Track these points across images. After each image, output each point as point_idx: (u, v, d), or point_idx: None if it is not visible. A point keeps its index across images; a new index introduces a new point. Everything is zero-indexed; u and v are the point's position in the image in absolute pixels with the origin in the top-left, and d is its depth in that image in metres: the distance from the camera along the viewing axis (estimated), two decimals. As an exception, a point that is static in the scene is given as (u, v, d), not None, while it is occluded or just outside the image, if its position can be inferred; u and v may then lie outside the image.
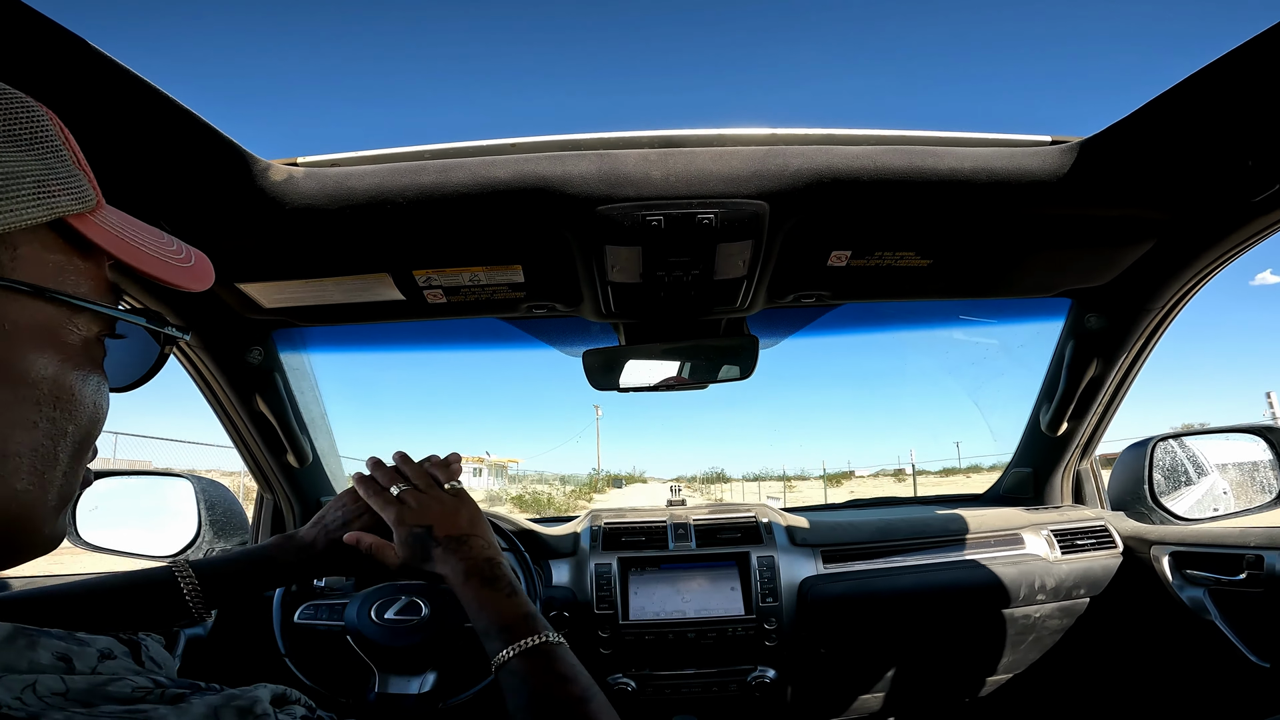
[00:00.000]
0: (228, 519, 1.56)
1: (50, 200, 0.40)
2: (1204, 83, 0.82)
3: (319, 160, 1.01)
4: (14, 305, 0.39)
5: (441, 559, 0.79)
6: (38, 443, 0.40)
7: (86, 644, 0.39)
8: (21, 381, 0.39)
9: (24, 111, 0.41)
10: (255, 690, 0.39)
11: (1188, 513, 1.55)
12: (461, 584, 0.77)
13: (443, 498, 0.87)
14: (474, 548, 0.80)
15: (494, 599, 0.74)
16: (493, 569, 0.78)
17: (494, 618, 0.72)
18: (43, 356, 0.40)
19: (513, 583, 0.77)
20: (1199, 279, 1.24)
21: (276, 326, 1.41)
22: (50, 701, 0.33)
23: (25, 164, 0.39)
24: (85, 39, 0.68)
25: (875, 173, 0.99)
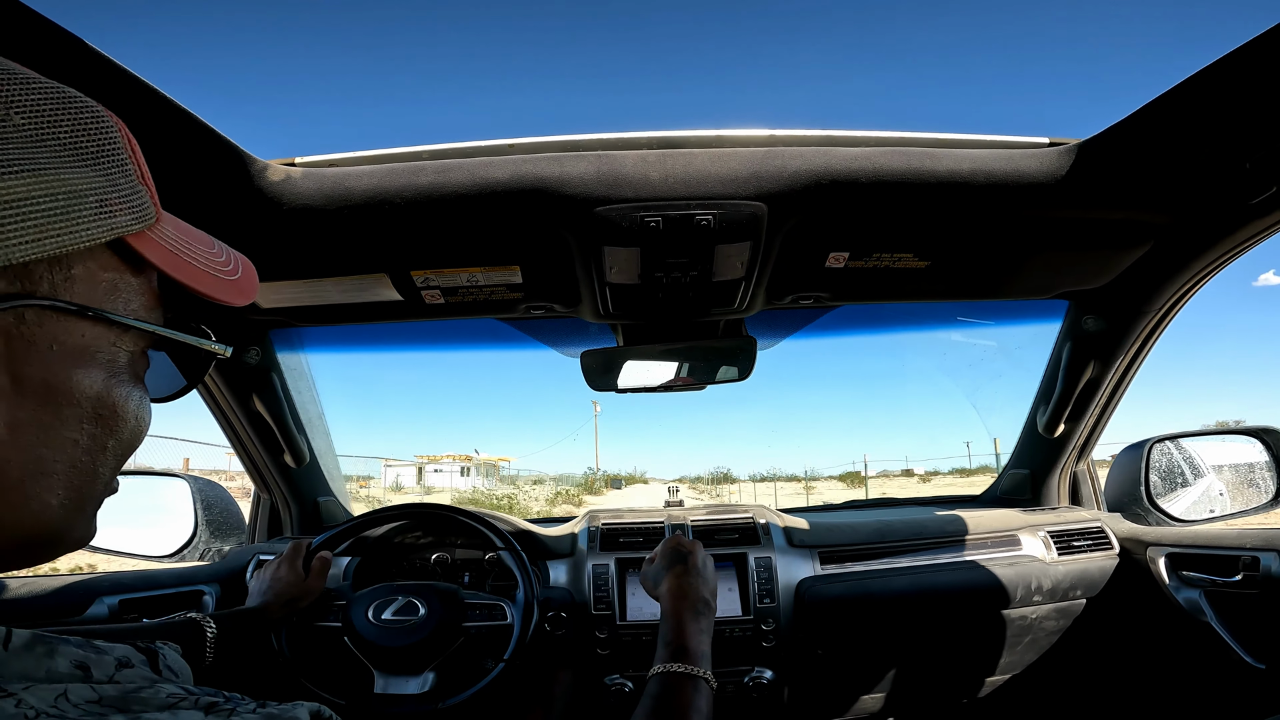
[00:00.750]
0: (225, 519, 1.56)
1: (111, 220, 0.39)
2: (1202, 85, 0.82)
3: (317, 160, 1.01)
4: (62, 326, 0.38)
5: (678, 575, 0.99)
6: (76, 459, 0.39)
7: (104, 652, 0.39)
8: (66, 401, 0.38)
9: (93, 122, 0.40)
10: (295, 710, 0.38)
11: (1184, 514, 1.56)
12: (674, 603, 0.94)
13: (705, 551, 1.07)
14: (703, 587, 0.98)
15: (692, 628, 0.89)
16: (705, 608, 0.94)
17: (680, 639, 0.86)
18: (88, 375, 0.39)
19: (710, 628, 0.92)
20: (1196, 281, 1.24)
21: (274, 326, 1.41)
22: (86, 709, 0.33)
23: (89, 180, 0.38)
24: (81, 38, 0.68)
25: (873, 174, 0.99)
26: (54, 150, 0.37)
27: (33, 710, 0.31)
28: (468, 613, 1.17)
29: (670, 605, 0.93)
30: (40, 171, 0.36)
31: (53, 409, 0.37)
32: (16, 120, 0.36)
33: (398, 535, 1.49)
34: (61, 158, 0.37)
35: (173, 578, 1.29)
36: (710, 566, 1.03)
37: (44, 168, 0.36)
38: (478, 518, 1.34)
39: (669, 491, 1.73)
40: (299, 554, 1.21)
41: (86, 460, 0.40)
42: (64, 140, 0.38)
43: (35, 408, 0.37)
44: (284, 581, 1.15)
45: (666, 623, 0.91)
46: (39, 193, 0.35)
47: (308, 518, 1.68)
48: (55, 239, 0.36)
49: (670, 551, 1.04)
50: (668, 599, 0.95)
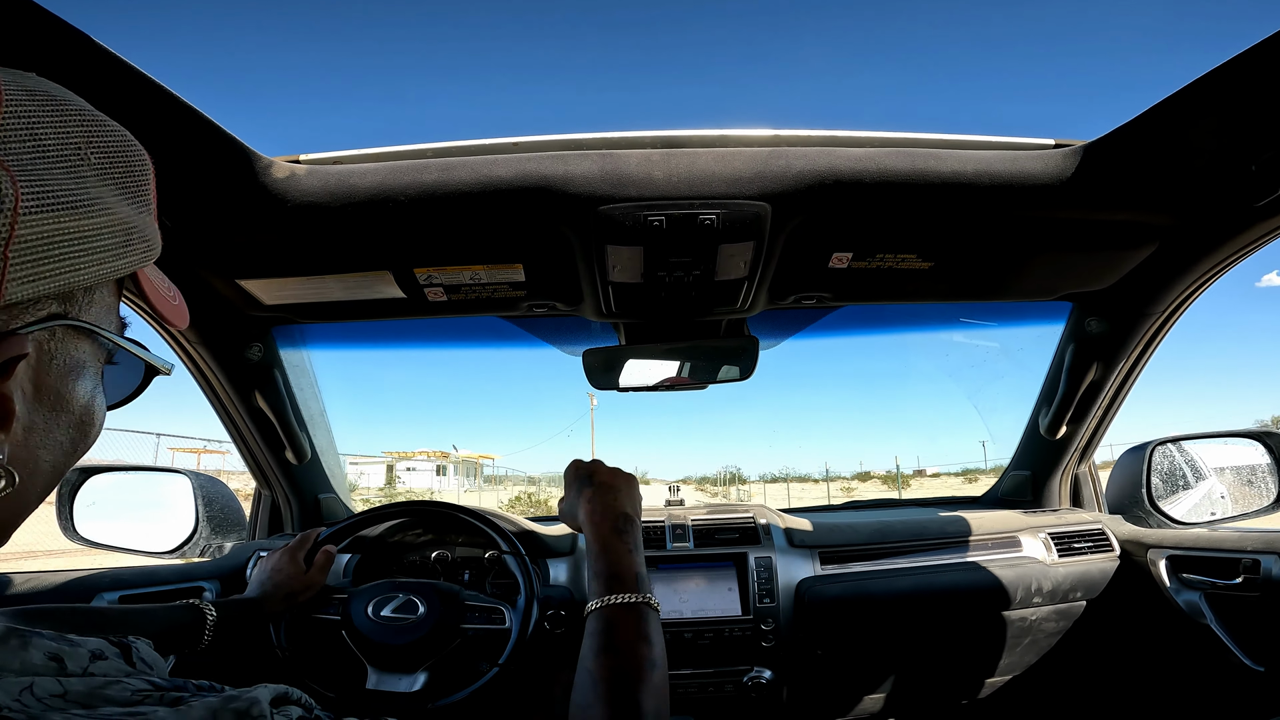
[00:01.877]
0: (225, 515, 1.56)
1: (139, 255, 0.44)
2: (1207, 88, 0.82)
3: (321, 157, 1.01)
4: (72, 342, 0.42)
5: (589, 499, 0.88)
6: (58, 461, 0.43)
7: (77, 645, 0.40)
8: (64, 409, 0.42)
9: (139, 161, 0.45)
10: (254, 691, 0.39)
11: (1185, 516, 1.55)
12: (596, 524, 0.84)
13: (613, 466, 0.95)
14: (619, 500, 0.87)
15: (617, 548, 0.81)
16: (627, 523, 0.85)
17: (609, 565, 0.79)
18: (82, 386, 0.43)
19: (639, 542, 0.84)
20: (1200, 284, 1.24)
21: (277, 323, 1.41)
22: (49, 703, 0.34)
23: (135, 216, 0.44)
24: (88, 34, 0.68)
25: (877, 175, 0.99)
26: (115, 188, 0.42)
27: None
28: (466, 615, 1.17)
29: (591, 531, 0.84)
30: (108, 210, 0.41)
31: (55, 415, 0.42)
32: (92, 159, 0.40)
33: (398, 533, 1.49)
34: (120, 196, 0.42)
35: (173, 574, 1.29)
36: (622, 476, 0.93)
37: (110, 206, 0.41)
38: (481, 517, 1.34)
39: (669, 491, 1.73)
40: (305, 546, 1.21)
41: (64, 462, 0.44)
42: (120, 179, 0.43)
43: (45, 413, 0.41)
44: (285, 574, 1.15)
45: (591, 551, 0.82)
46: (105, 228, 0.40)
47: (308, 515, 1.68)
48: (109, 269, 0.41)
49: (574, 477, 0.93)
50: (586, 526, 0.86)
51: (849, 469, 43.44)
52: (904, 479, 33.13)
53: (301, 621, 1.18)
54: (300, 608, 1.17)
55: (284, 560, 1.17)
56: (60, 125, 0.39)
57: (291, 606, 1.14)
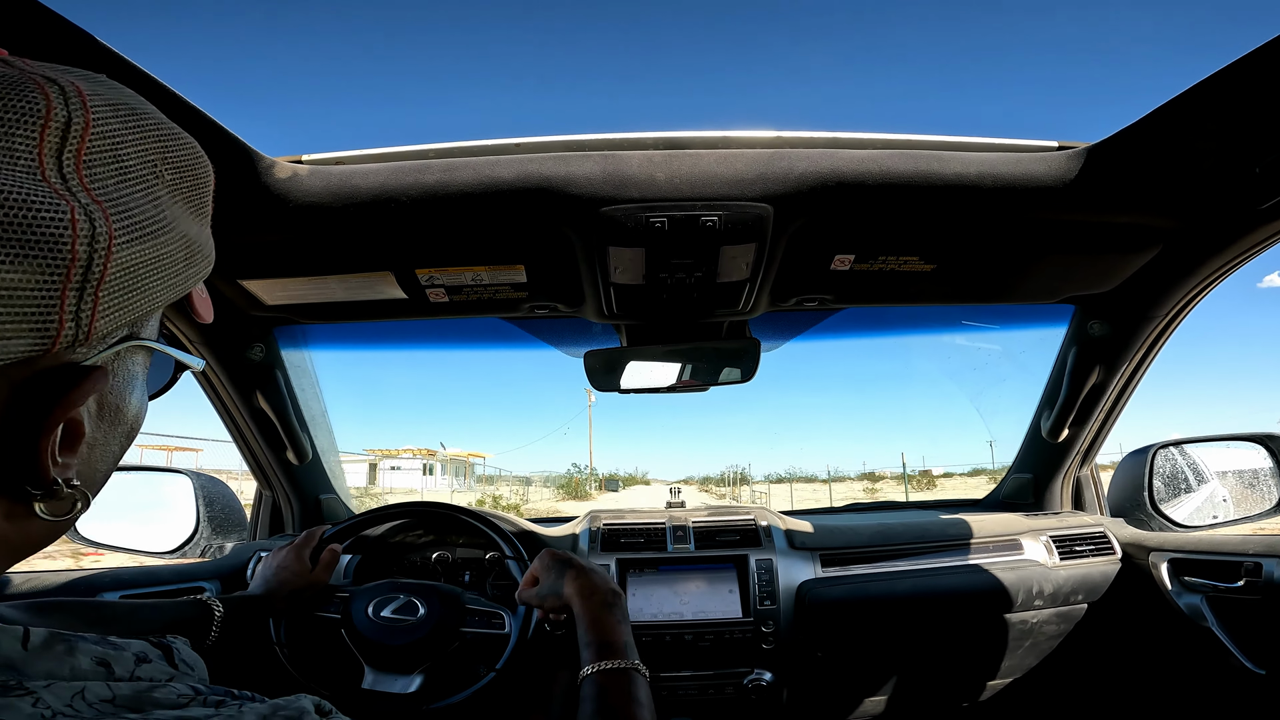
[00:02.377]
0: (226, 516, 1.56)
1: (200, 272, 0.43)
2: (1212, 90, 0.82)
3: (323, 158, 1.01)
4: (133, 357, 0.41)
5: (574, 578, 0.98)
6: (108, 470, 0.43)
7: (122, 648, 0.40)
8: (121, 421, 0.42)
9: (206, 176, 0.44)
10: (299, 701, 0.39)
11: (1187, 520, 1.55)
12: (586, 599, 0.94)
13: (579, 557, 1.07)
14: (602, 579, 0.98)
15: (607, 620, 0.90)
16: (615, 598, 0.95)
17: (600, 635, 0.87)
18: (136, 396, 0.43)
19: (626, 615, 0.93)
20: (1203, 287, 1.23)
21: (278, 323, 1.41)
22: (100, 709, 0.33)
23: (200, 234, 0.43)
24: (90, 33, 0.68)
25: (880, 177, 0.99)
26: (183, 204, 0.41)
27: (49, 710, 0.31)
28: (466, 618, 1.17)
29: (580, 605, 0.93)
30: (178, 228, 0.39)
31: (114, 428, 0.41)
32: (166, 176, 0.39)
33: (399, 533, 1.49)
34: (187, 211, 0.41)
35: (174, 574, 1.29)
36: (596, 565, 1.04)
37: (179, 224, 0.39)
38: (482, 518, 1.34)
39: (671, 492, 1.73)
40: (310, 543, 1.21)
41: (109, 469, 0.43)
42: (188, 194, 0.41)
43: (106, 429, 0.40)
44: (290, 571, 1.15)
45: (582, 623, 0.91)
46: (176, 248, 0.39)
47: (309, 515, 1.68)
48: (180, 288, 0.40)
49: (551, 564, 1.04)
50: (576, 600, 0.94)
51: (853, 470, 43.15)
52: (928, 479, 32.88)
53: (302, 619, 1.18)
54: (303, 605, 1.17)
55: (289, 557, 1.17)
56: (139, 143, 0.37)
57: (295, 604, 1.14)
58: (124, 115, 0.36)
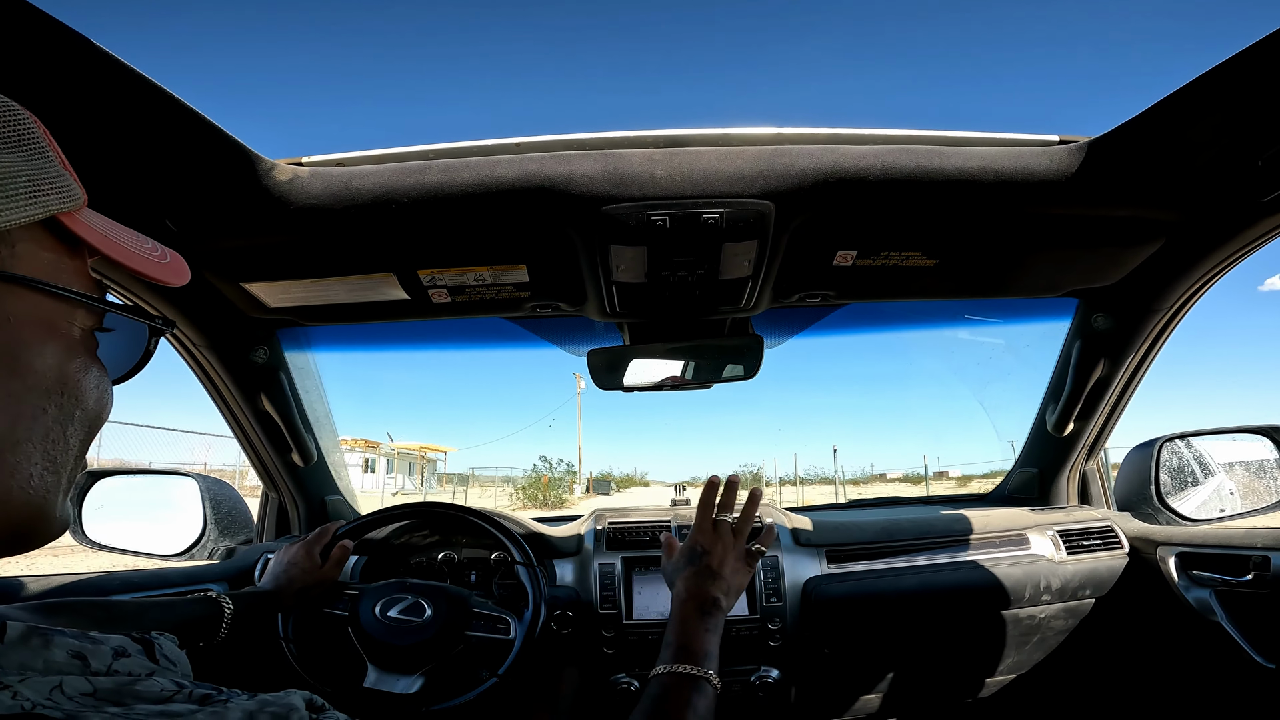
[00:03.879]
0: (233, 517, 1.56)
1: (44, 199, 0.41)
2: (1213, 83, 0.82)
3: (324, 160, 1.01)
4: (15, 299, 0.40)
5: (688, 577, 0.96)
6: (48, 428, 0.41)
7: (100, 642, 0.40)
8: (28, 370, 0.40)
9: (10, 114, 0.42)
10: (289, 697, 0.39)
11: (1194, 513, 1.55)
12: (684, 599, 0.92)
13: (731, 545, 1.01)
14: (715, 586, 0.94)
15: (696, 625, 0.87)
16: (714, 606, 0.91)
17: (682, 637, 0.85)
18: (45, 347, 0.41)
19: (718, 626, 0.89)
20: (1207, 279, 1.23)
21: (282, 325, 1.41)
22: (81, 702, 0.33)
23: (18, 165, 0.40)
24: (89, 38, 0.68)
25: (881, 172, 0.99)
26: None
27: (29, 702, 0.31)
28: (472, 622, 1.18)
29: (678, 604, 0.92)
30: None
31: (19, 378, 0.40)
32: None
33: (405, 534, 1.49)
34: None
35: (182, 576, 1.30)
36: (731, 564, 0.98)
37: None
38: (489, 519, 1.34)
39: (675, 490, 1.73)
40: (323, 539, 1.22)
41: (57, 429, 0.42)
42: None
43: (4, 377, 0.39)
44: (300, 567, 1.16)
45: (672, 623, 0.89)
46: None
47: (315, 516, 1.68)
48: None
49: (689, 550, 1.00)
50: (675, 600, 0.93)
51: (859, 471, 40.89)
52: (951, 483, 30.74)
53: (310, 615, 1.19)
54: (312, 601, 1.17)
55: (300, 554, 1.18)
56: None
57: (304, 600, 1.15)
58: None
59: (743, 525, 1.04)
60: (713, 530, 1.02)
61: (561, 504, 27.59)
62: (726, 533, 1.02)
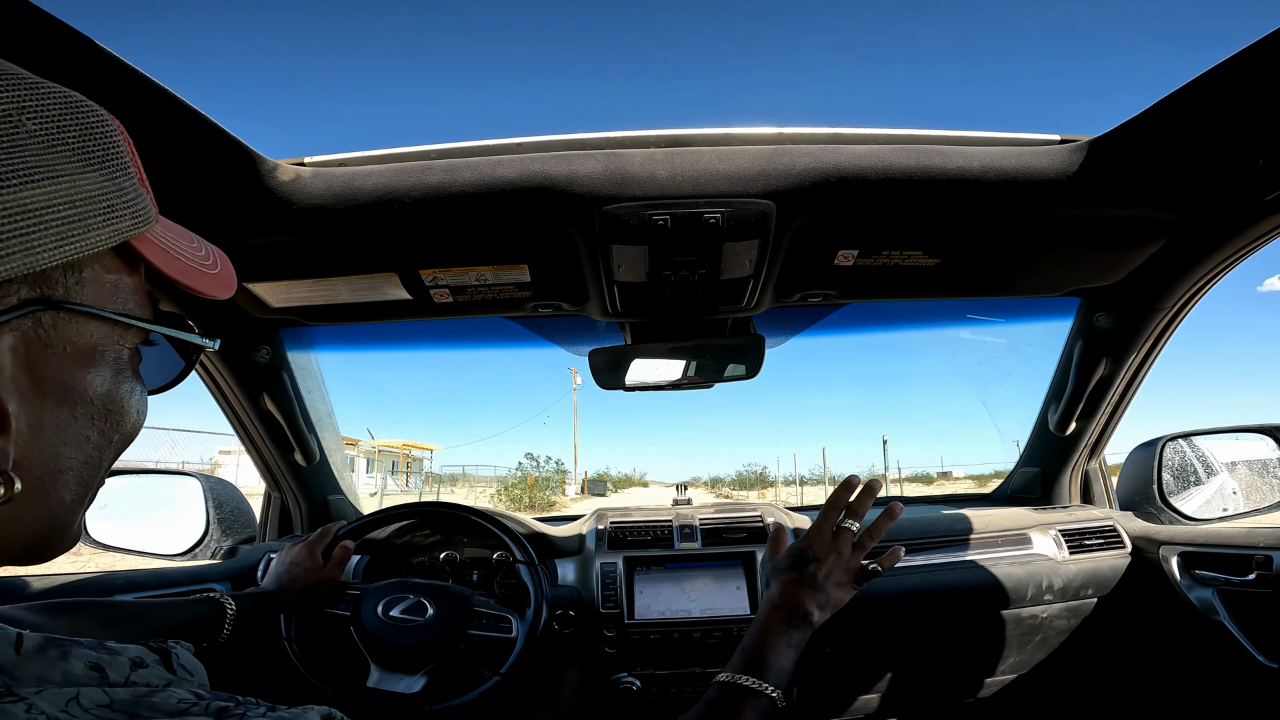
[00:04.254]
0: (236, 517, 1.56)
1: (119, 223, 0.40)
2: (1215, 82, 0.82)
3: (326, 160, 1.02)
4: (74, 327, 0.39)
5: (787, 581, 0.88)
6: (88, 456, 0.41)
7: (118, 653, 0.39)
8: (80, 400, 0.39)
9: (98, 125, 0.40)
10: (306, 713, 0.39)
11: (1197, 512, 1.54)
12: (773, 607, 0.85)
13: (845, 559, 0.91)
14: (813, 599, 0.86)
15: (778, 637, 0.81)
16: (803, 619, 0.84)
17: (761, 648, 0.79)
18: (98, 374, 0.40)
19: (801, 643, 0.83)
20: (1209, 278, 1.23)
21: (284, 325, 1.41)
22: (97, 714, 0.33)
23: (99, 185, 0.39)
24: (91, 37, 0.68)
25: (882, 172, 0.99)
26: (65, 156, 0.37)
27: (44, 715, 0.31)
28: (474, 620, 1.18)
29: (764, 611, 0.85)
30: (57, 179, 0.36)
31: (69, 408, 0.38)
32: (29, 126, 0.36)
33: (407, 534, 1.50)
34: (73, 163, 0.38)
35: (185, 576, 1.30)
36: (837, 578, 0.89)
37: (59, 174, 0.36)
38: (491, 519, 1.35)
39: (677, 490, 1.73)
40: (324, 540, 1.22)
41: (96, 456, 0.41)
42: (73, 145, 0.38)
43: (55, 407, 0.38)
44: (302, 567, 1.16)
45: (752, 629, 0.83)
46: (58, 200, 0.36)
47: (318, 516, 1.68)
48: (74, 244, 0.37)
49: (796, 553, 0.91)
50: (765, 604, 0.86)
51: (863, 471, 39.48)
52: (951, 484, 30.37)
53: (312, 615, 1.19)
54: (314, 602, 1.18)
55: (302, 554, 1.18)
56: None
57: (306, 600, 1.15)
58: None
59: (867, 540, 0.93)
60: (831, 538, 0.91)
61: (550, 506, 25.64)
62: (846, 543, 0.91)
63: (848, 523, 0.92)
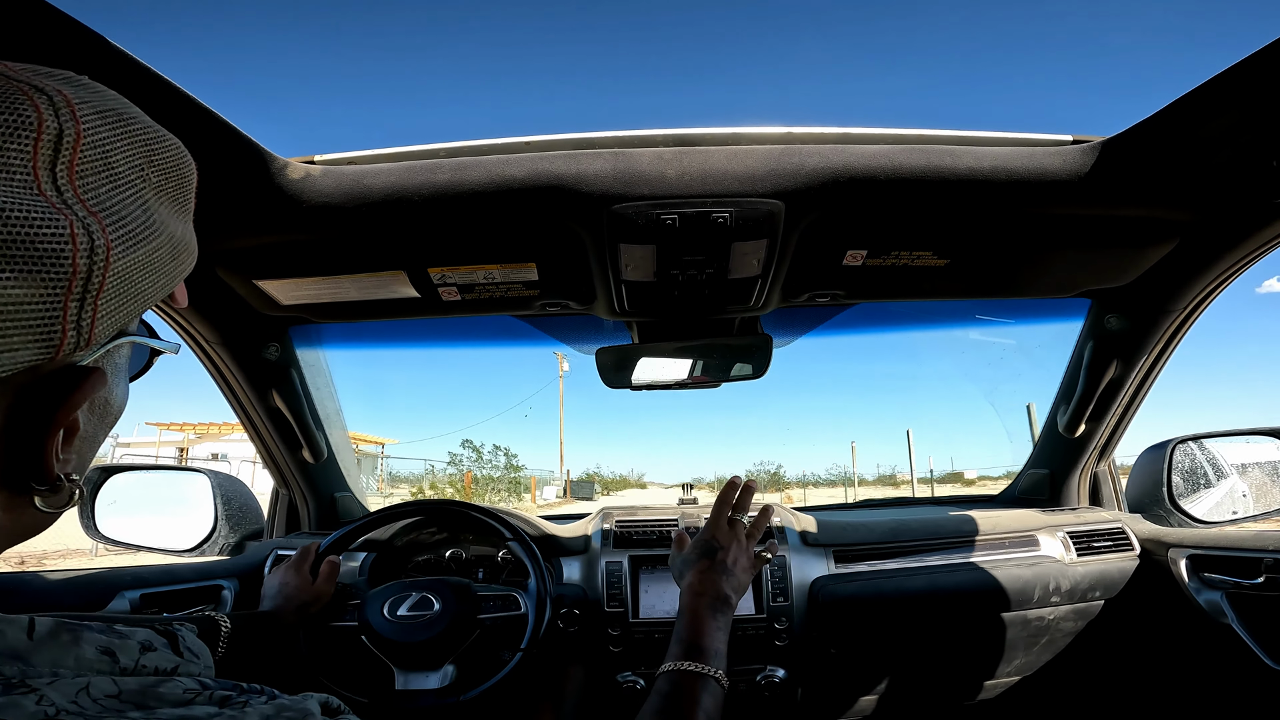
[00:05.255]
0: (243, 513, 1.57)
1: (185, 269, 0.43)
2: (1228, 83, 0.81)
3: (336, 158, 1.02)
4: (120, 351, 0.42)
5: (702, 570, 0.95)
6: (94, 454, 0.43)
7: (126, 636, 0.40)
8: (110, 413, 0.43)
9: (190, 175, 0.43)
10: (306, 701, 0.39)
11: (1206, 515, 1.53)
12: (695, 595, 0.91)
13: (745, 545, 1.02)
14: (727, 583, 0.94)
15: (706, 623, 0.87)
16: (724, 605, 0.91)
17: (692, 634, 0.85)
18: (121, 387, 0.44)
19: (728, 624, 0.90)
20: (1221, 280, 1.22)
21: (293, 323, 1.42)
22: (105, 705, 0.33)
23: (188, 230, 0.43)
24: (104, 35, 0.68)
25: (892, 172, 0.98)
26: (169, 204, 0.40)
27: (53, 707, 0.31)
28: (482, 605, 1.18)
29: (688, 600, 0.91)
30: (166, 229, 0.39)
31: (103, 420, 0.42)
32: (153, 179, 0.39)
33: (411, 532, 1.50)
34: (172, 210, 0.41)
35: (193, 572, 1.31)
36: (742, 563, 0.99)
37: (166, 224, 0.39)
38: (493, 514, 1.35)
39: (683, 489, 1.73)
40: (306, 560, 1.21)
41: (94, 456, 0.44)
42: (174, 194, 0.41)
43: (97, 421, 0.41)
44: (293, 586, 1.16)
45: (682, 618, 0.89)
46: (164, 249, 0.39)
47: (325, 513, 1.69)
48: (167, 288, 0.40)
49: (702, 544, 1.00)
50: (687, 594, 0.93)
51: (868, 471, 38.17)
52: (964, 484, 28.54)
53: (320, 631, 1.19)
54: (315, 617, 1.17)
55: (290, 574, 1.18)
56: (128, 148, 0.37)
57: (305, 617, 1.15)
58: (112, 122, 0.36)
59: (755, 530, 1.06)
60: (729, 528, 1.03)
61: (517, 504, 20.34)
62: (741, 532, 1.03)
63: (738, 515, 1.05)
